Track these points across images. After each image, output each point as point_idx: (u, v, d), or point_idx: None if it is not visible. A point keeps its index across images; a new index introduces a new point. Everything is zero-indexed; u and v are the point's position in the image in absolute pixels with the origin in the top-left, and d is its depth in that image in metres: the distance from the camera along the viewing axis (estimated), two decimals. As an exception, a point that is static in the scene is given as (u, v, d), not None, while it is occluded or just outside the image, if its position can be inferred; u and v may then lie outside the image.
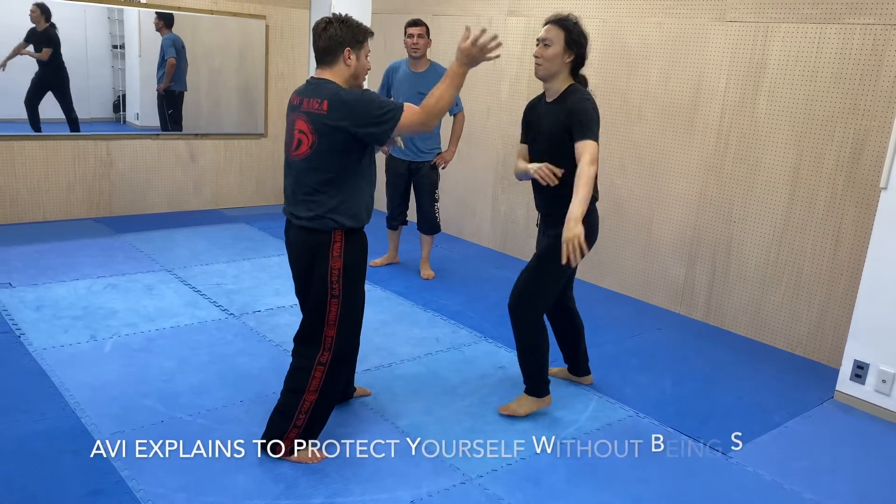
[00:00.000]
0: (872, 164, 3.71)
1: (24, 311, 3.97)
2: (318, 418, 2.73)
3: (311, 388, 2.67)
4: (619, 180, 4.85)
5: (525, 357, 3.14)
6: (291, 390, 2.71)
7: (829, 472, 2.96)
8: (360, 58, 2.63)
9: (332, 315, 2.65)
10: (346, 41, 2.58)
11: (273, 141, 6.77)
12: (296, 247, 2.69)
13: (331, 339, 2.67)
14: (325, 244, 2.60)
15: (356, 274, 2.71)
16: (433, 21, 6.06)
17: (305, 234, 2.63)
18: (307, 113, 2.55)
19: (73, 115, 5.80)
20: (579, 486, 2.72)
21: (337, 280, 2.62)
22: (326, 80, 2.59)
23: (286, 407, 2.71)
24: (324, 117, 2.51)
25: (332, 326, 2.66)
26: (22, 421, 2.90)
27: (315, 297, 2.65)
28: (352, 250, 2.66)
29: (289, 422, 2.69)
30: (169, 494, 2.51)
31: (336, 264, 2.61)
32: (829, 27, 3.81)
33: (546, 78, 2.97)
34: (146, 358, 3.53)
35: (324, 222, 2.58)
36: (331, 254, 2.60)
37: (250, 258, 5.20)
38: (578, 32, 2.93)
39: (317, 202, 2.58)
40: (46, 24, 5.55)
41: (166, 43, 6.12)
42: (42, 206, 5.69)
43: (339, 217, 2.59)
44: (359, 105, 2.50)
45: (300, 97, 2.60)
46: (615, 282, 5.00)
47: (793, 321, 4.11)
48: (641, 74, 4.67)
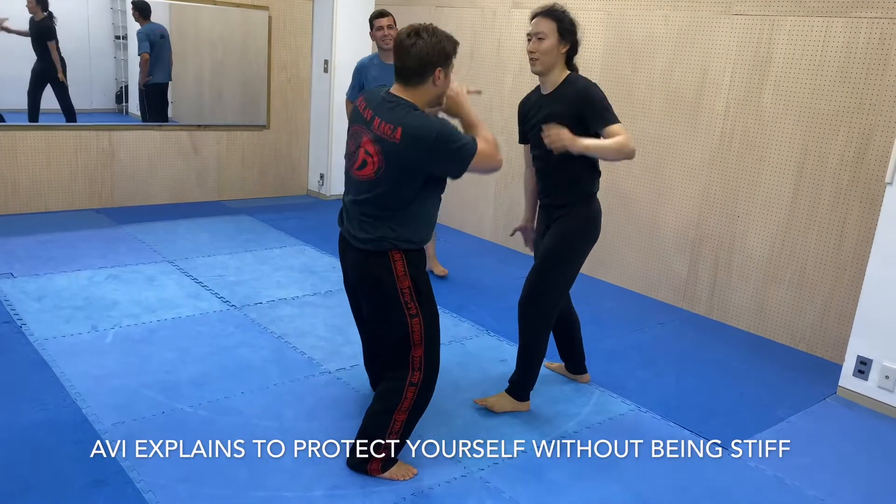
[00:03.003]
0: (878, 160, 3.68)
1: (25, 301, 3.97)
2: (406, 435, 2.65)
3: (402, 408, 2.57)
4: (623, 174, 4.83)
5: (520, 357, 3.13)
6: (382, 411, 2.58)
7: (831, 468, 2.95)
8: (449, 75, 2.43)
9: (416, 336, 2.53)
10: (438, 61, 2.35)
11: (275, 133, 6.76)
12: (356, 272, 2.58)
13: (419, 358, 2.55)
14: (387, 267, 2.47)
15: (425, 285, 2.58)
16: (436, 13, 6.04)
17: (365, 257, 2.50)
18: (377, 136, 2.36)
19: (69, 106, 5.76)
20: (581, 481, 2.71)
21: (411, 298, 2.50)
22: (404, 102, 2.38)
23: (375, 428, 2.59)
24: (396, 146, 2.33)
25: (419, 346, 2.54)
26: (23, 411, 2.89)
27: (394, 321, 2.53)
28: (414, 263, 2.52)
29: (381, 443, 2.58)
30: (170, 485, 2.50)
31: (404, 284, 2.49)
32: (836, 21, 3.78)
33: (543, 72, 2.90)
34: (147, 349, 3.53)
35: (381, 244, 2.46)
36: (395, 275, 2.48)
37: (252, 250, 5.20)
38: (569, 20, 2.86)
39: (374, 226, 2.46)
40: (44, 13, 5.50)
41: (140, 37, 5.97)
42: (44, 197, 5.69)
43: (399, 242, 2.47)
44: (438, 144, 2.32)
45: (372, 112, 2.40)
46: (618, 276, 4.99)
47: (796, 317, 4.10)
48: (646, 68, 4.65)
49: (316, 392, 3.23)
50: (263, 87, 6.60)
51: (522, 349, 3.12)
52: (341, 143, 6.63)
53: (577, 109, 2.82)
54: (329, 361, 3.53)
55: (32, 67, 5.61)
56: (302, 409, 3.07)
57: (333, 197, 6.87)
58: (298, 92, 6.82)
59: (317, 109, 6.85)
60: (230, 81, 6.62)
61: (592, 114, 2.80)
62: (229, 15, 6.29)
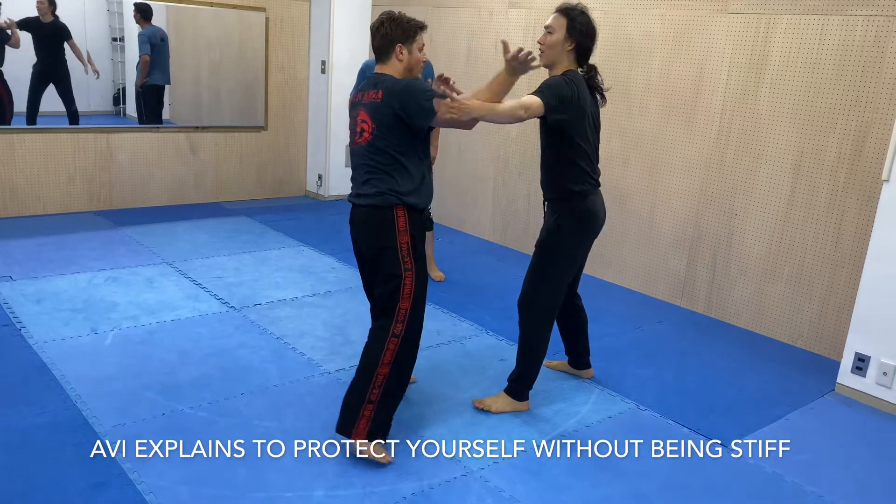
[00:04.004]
0: (874, 157, 3.69)
1: (24, 304, 3.97)
2: (389, 399, 2.72)
3: (384, 360, 2.70)
4: (620, 173, 4.84)
5: (521, 355, 3.14)
6: (364, 366, 2.73)
7: (830, 465, 2.96)
8: (413, 52, 2.77)
9: (406, 289, 2.72)
10: (396, 38, 2.74)
11: (273, 134, 6.76)
12: (361, 226, 2.79)
13: (405, 311, 2.73)
14: (389, 220, 2.70)
15: (421, 246, 2.79)
16: (433, 13, 6.05)
17: (370, 212, 2.73)
18: (367, 104, 2.72)
19: (73, 108, 5.79)
20: (580, 479, 2.72)
21: (408, 253, 2.72)
22: (383, 75, 2.76)
23: (359, 383, 2.72)
24: (379, 104, 2.68)
25: (406, 299, 2.73)
26: (24, 414, 2.90)
27: (388, 272, 2.72)
28: (415, 223, 2.75)
29: (363, 399, 2.69)
30: (171, 487, 2.51)
31: (404, 238, 2.71)
32: (832, 18, 3.79)
33: (549, 65, 2.97)
34: (147, 351, 3.53)
35: (386, 198, 2.70)
36: (397, 228, 2.71)
37: (251, 251, 5.20)
38: (582, 21, 2.91)
39: (379, 179, 2.71)
40: (53, 16, 5.53)
41: (141, 39, 6.00)
42: (42, 199, 5.69)
43: (401, 194, 2.70)
44: (407, 91, 2.67)
45: (361, 92, 2.78)
46: (617, 274, 5.00)
47: (794, 314, 4.11)
48: (643, 66, 4.66)
49: (316, 392, 3.23)
50: (261, 88, 6.60)
51: (523, 347, 3.13)
52: (339, 143, 6.64)
53: None
54: (328, 362, 3.54)
55: (33, 68, 5.61)
56: (302, 409, 3.08)
57: (332, 197, 6.87)
58: (296, 93, 6.82)
59: (314, 110, 6.85)
60: (228, 83, 6.61)
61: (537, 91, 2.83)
62: (226, 16, 6.29)
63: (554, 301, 3.09)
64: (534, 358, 3.13)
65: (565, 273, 3.08)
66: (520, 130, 5.48)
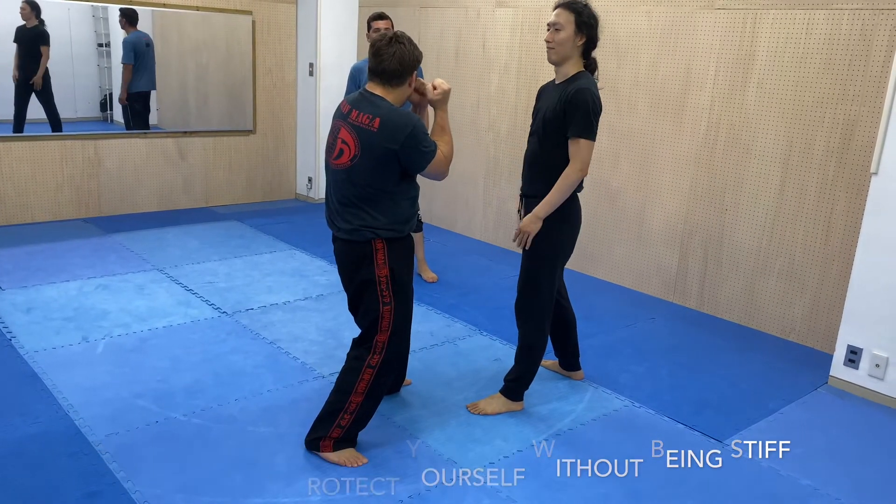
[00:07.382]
0: (863, 150, 3.71)
1: (14, 313, 3.94)
2: (360, 420, 2.75)
3: (357, 389, 2.69)
4: (610, 170, 4.84)
5: (521, 355, 3.14)
6: (339, 391, 2.72)
7: (824, 458, 2.97)
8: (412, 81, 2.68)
9: (384, 322, 2.67)
10: (414, 66, 2.60)
11: (262, 137, 6.73)
12: (341, 259, 2.73)
13: (381, 344, 2.69)
14: (367, 255, 2.62)
15: (404, 277, 2.71)
16: (420, 13, 6.04)
17: (347, 246, 2.66)
18: (355, 126, 2.56)
19: (55, 115, 5.72)
20: (577, 478, 2.72)
21: (386, 287, 2.65)
22: (381, 98, 2.59)
23: (333, 405, 2.73)
24: (373, 134, 2.52)
25: (384, 332, 2.69)
26: (16, 424, 2.87)
27: (367, 306, 2.68)
28: (396, 255, 2.66)
29: (333, 421, 2.71)
30: (166, 495, 2.49)
31: (382, 272, 2.63)
32: (818, 13, 3.81)
33: (558, 62, 2.94)
34: (139, 358, 3.51)
35: (362, 234, 2.61)
36: (375, 263, 2.62)
37: (242, 256, 5.18)
38: (588, 14, 2.90)
39: (354, 214, 2.61)
40: (36, 21, 5.47)
41: (126, 46, 5.94)
42: (30, 208, 5.65)
43: (378, 229, 2.61)
44: (411, 139, 2.53)
45: (350, 106, 2.62)
46: (608, 272, 5.01)
47: (786, 308, 4.12)
48: (631, 64, 4.66)
49: (310, 397, 3.22)
50: (249, 91, 6.58)
51: (524, 349, 3.12)
52: (329, 145, 6.61)
53: (563, 108, 2.86)
54: (322, 366, 3.53)
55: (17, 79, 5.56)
56: (296, 414, 3.06)
57: (322, 200, 6.85)
58: (284, 96, 6.80)
59: (303, 113, 6.83)
60: (215, 87, 6.58)
61: (572, 118, 2.84)
62: (213, 20, 6.26)
63: (550, 300, 3.10)
64: (535, 356, 3.13)
65: (556, 268, 3.08)
66: (509, 131, 5.49)
